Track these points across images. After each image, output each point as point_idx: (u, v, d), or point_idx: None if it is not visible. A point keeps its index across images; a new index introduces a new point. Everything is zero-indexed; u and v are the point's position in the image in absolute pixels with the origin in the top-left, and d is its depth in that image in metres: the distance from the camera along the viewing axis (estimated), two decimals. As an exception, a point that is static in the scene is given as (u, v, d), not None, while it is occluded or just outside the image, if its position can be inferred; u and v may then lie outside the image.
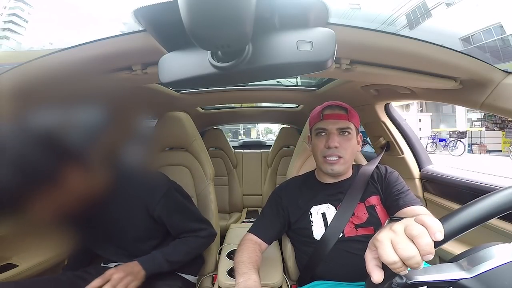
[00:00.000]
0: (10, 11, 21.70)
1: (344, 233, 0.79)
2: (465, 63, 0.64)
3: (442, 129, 12.58)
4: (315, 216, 0.84)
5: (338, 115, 0.82)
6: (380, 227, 0.78)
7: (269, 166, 2.26)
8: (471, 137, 10.70)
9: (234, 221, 2.01)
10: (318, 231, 0.81)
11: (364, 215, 0.80)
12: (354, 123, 0.83)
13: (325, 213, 0.83)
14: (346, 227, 0.79)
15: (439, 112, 15.17)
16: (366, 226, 0.79)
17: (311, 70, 0.40)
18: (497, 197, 0.37)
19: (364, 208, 0.81)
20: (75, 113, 0.81)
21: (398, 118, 1.30)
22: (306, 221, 0.84)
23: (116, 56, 0.59)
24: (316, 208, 0.84)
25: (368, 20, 19.29)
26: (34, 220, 0.83)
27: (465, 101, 0.79)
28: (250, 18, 0.32)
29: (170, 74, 0.44)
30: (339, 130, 0.81)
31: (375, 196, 0.84)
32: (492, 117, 12.32)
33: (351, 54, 0.62)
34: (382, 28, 0.56)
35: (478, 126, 12.59)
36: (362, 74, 0.71)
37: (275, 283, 0.90)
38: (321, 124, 0.84)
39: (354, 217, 0.80)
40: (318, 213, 0.84)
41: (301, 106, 1.96)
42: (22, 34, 21.44)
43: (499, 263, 0.37)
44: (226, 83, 1.07)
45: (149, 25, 0.47)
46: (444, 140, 10.67)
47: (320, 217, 0.83)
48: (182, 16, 0.31)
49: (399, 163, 1.28)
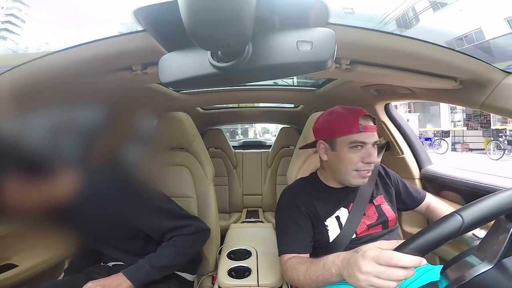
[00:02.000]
0: (8, 11, 21.70)
1: (357, 233, 0.80)
2: (465, 63, 0.64)
3: (429, 129, 12.89)
4: (329, 221, 0.82)
5: (374, 128, 0.80)
6: (387, 224, 0.83)
7: (269, 166, 2.25)
8: (454, 136, 11.19)
9: (234, 221, 2.01)
10: (333, 234, 0.81)
11: (374, 214, 0.83)
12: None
13: (339, 216, 0.82)
14: (359, 228, 0.80)
15: (426, 113, 15.42)
16: (376, 225, 0.82)
17: (311, 70, 0.40)
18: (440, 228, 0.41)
19: (374, 208, 0.84)
20: (76, 114, 0.82)
21: (398, 118, 1.30)
22: (322, 227, 0.81)
23: (116, 56, 0.59)
24: (331, 215, 0.83)
25: (365, 21, 19.55)
26: (34, 217, 0.84)
27: (465, 101, 0.79)
28: (250, 18, 0.32)
29: (170, 74, 0.44)
30: (375, 143, 0.79)
31: (380, 195, 0.87)
32: (477, 117, 12.66)
33: (351, 54, 0.62)
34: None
35: (460, 126, 12.99)
36: (362, 74, 0.71)
37: (276, 284, 0.90)
38: (359, 137, 0.77)
39: (365, 217, 0.82)
40: (332, 217, 0.82)
41: (301, 106, 1.96)
42: (20, 34, 21.47)
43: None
44: (226, 83, 1.07)
45: (149, 25, 0.47)
46: (430, 139, 11.11)
47: (335, 221, 0.82)
48: (182, 16, 0.31)
49: (399, 163, 1.28)
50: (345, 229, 0.80)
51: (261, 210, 2.24)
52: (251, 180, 2.31)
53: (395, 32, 0.57)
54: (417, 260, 0.42)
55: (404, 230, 1.18)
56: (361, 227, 0.81)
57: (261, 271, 0.95)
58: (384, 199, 0.87)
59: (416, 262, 0.42)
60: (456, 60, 0.63)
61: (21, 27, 22.40)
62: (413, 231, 1.15)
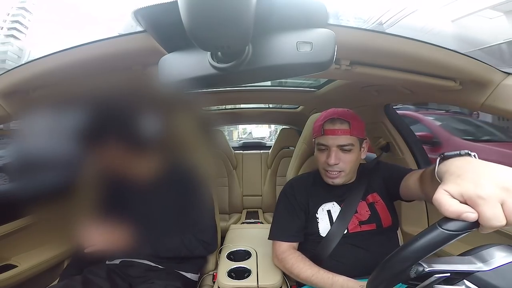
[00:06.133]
0: (13, 18, 22.28)
1: (349, 229, 0.82)
2: (464, 64, 0.64)
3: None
4: (320, 213, 0.86)
5: (339, 131, 0.80)
6: (380, 223, 0.82)
7: (269, 167, 2.25)
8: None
9: (234, 222, 2.01)
10: (324, 228, 0.84)
11: (367, 212, 0.84)
12: (357, 135, 0.82)
13: (330, 210, 0.86)
14: (350, 224, 0.82)
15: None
16: (368, 222, 0.83)
17: (311, 71, 0.40)
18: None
19: (366, 206, 0.85)
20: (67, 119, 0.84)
21: (398, 119, 1.30)
22: (313, 219, 0.86)
23: (116, 57, 0.59)
24: (323, 206, 0.87)
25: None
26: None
27: (464, 102, 0.79)
28: (250, 19, 0.32)
29: (170, 75, 0.44)
30: (339, 146, 0.80)
31: (374, 193, 0.87)
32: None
33: (351, 55, 0.62)
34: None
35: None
36: (362, 75, 0.71)
37: (275, 284, 0.90)
38: (321, 140, 0.82)
39: (357, 214, 0.84)
40: (324, 210, 0.86)
41: (301, 107, 1.96)
42: (22, 40, 22.06)
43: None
44: (226, 84, 1.07)
45: (149, 26, 0.47)
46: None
47: (326, 214, 0.85)
48: (182, 17, 0.31)
49: (399, 164, 1.28)
50: (336, 224, 0.83)
51: (261, 211, 2.23)
52: (251, 181, 2.31)
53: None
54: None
55: (404, 231, 1.18)
56: (352, 223, 0.82)
57: (261, 272, 0.95)
58: (379, 197, 0.86)
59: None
60: (455, 60, 0.63)
61: (24, 33, 22.97)
62: (413, 231, 1.15)
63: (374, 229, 0.82)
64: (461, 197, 0.34)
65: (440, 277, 0.39)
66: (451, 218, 0.34)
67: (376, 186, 0.88)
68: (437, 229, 0.35)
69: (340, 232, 0.81)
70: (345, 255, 0.80)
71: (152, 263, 0.89)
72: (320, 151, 0.84)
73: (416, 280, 0.40)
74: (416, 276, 0.38)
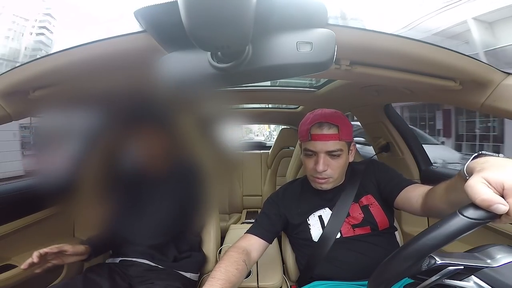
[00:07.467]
0: (41, 23, 22.92)
1: (342, 233, 0.80)
2: (464, 64, 0.64)
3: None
4: (312, 219, 0.84)
5: (328, 136, 0.76)
6: (376, 226, 0.80)
7: (269, 167, 2.25)
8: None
9: (234, 222, 2.01)
10: (316, 233, 0.82)
11: (360, 215, 0.81)
12: (346, 139, 0.78)
13: (322, 215, 0.83)
14: (343, 228, 0.80)
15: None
16: (362, 226, 0.80)
17: (311, 71, 0.40)
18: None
19: (359, 209, 0.82)
20: (78, 115, 0.86)
21: (398, 119, 1.30)
22: (304, 225, 0.84)
23: (116, 57, 0.59)
24: (314, 213, 0.84)
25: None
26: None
27: (464, 102, 0.79)
28: (250, 19, 0.32)
29: (170, 75, 0.44)
30: (328, 152, 0.76)
31: (368, 195, 0.83)
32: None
33: (351, 55, 0.62)
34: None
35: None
36: (362, 75, 0.71)
37: (275, 284, 0.90)
38: (309, 146, 0.78)
39: (350, 218, 0.81)
40: (315, 216, 0.84)
41: (301, 107, 1.96)
42: (51, 46, 22.66)
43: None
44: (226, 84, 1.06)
45: (149, 26, 0.47)
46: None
47: (317, 220, 0.83)
48: (182, 17, 0.31)
49: (399, 164, 1.28)
50: (327, 229, 0.80)
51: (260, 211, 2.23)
52: (251, 181, 2.31)
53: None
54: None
55: (404, 231, 1.18)
56: (345, 227, 0.80)
57: (261, 272, 0.95)
58: (374, 199, 0.83)
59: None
60: (455, 60, 0.63)
61: (51, 39, 23.62)
62: (413, 232, 1.15)
63: (369, 232, 0.79)
64: (499, 186, 0.34)
65: (452, 270, 0.38)
66: (475, 206, 0.34)
67: (370, 188, 0.84)
68: (458, 216, 0.35)
69: (333, 237, 0.79)
70: (341, 259, 0.78)
71: (152, 263, 0.89)
72: (308, 156, 0.80)
73: (424, 274, 0.40)
74: (428, 268, 0.38)
